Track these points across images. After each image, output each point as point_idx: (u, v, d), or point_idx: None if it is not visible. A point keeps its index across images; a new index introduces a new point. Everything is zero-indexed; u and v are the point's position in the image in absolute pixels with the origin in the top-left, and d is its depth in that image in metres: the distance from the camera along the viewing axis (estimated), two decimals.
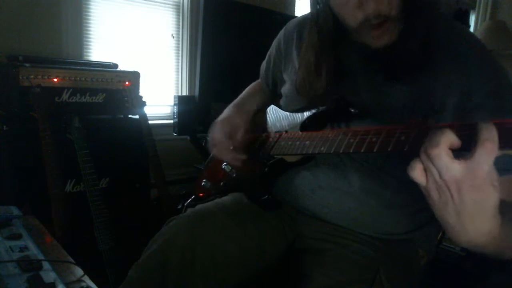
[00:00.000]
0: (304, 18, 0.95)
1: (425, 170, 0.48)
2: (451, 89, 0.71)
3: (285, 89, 0.98)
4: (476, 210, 0.48)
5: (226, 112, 1.03)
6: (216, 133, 0.95)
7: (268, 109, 1.02)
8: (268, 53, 1.09)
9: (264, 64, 1.12)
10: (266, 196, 0.92)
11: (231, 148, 0.91)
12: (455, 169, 0.46)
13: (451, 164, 0.46)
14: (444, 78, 0.72)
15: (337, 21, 0.76)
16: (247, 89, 1.18)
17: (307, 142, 0.74)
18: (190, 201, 1.03)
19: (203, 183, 1.05)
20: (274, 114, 0.98)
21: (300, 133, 0.81)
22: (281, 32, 1.02)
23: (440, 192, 0.48)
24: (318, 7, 0.79)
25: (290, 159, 0.88)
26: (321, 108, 0.82)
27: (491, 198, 0.48)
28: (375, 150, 0.58)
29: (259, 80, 1.17)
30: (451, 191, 0.47)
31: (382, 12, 0.68)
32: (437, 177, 0.47)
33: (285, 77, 0.99)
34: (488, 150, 0.44)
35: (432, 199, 0.50)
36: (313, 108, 0.84)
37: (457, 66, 0.71)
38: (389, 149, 0.56)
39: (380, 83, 0.77)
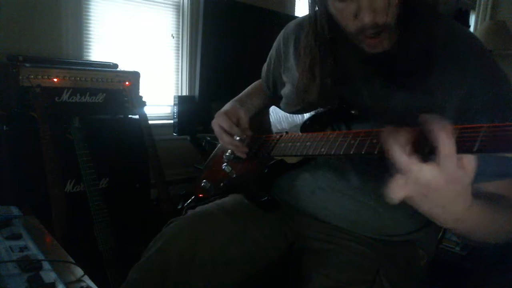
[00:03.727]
0: (303, 19, 0.95)
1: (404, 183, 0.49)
2: (451, 93, 0.71)
3: (285, 90, 0.98)
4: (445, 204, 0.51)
5: (229, 104, 1.03)
6: (220, 122, 0.93)
7: (270, 109, 1.02)
8: (269, 55, 1.09)
9: (265, 66, 1.13)
10: (266, 197, 0.92)
11: (237, 138, 0.91)
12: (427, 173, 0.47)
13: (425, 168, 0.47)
14: (444, 81, 0.72)
15: (335, 23, 0.75)
16: (250, 87, 1.18)
17: (308, 144, 0.74)
18: (190, 202, 1.03)
19: (203, 184, 1.05)
20: (275, 115, 0.98)
21: (301, 134, 0.81)
22: (281, 34, 1.02)
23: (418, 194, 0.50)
24: (316, 9, 0.79)
25: (290, 160, 0.87)
26: (321, 109, 0.82)
27: (457, 193, 0.50)
28: (376, 152, 0.58)
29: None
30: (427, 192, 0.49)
31: (379, 23, 0.67)
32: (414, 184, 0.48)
33: (285, 79, 0.99)
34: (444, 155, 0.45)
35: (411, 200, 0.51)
36: (312, 110, 0.84)
37: (458, 69, 0.71)
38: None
39: (380, 86, 0.77)
